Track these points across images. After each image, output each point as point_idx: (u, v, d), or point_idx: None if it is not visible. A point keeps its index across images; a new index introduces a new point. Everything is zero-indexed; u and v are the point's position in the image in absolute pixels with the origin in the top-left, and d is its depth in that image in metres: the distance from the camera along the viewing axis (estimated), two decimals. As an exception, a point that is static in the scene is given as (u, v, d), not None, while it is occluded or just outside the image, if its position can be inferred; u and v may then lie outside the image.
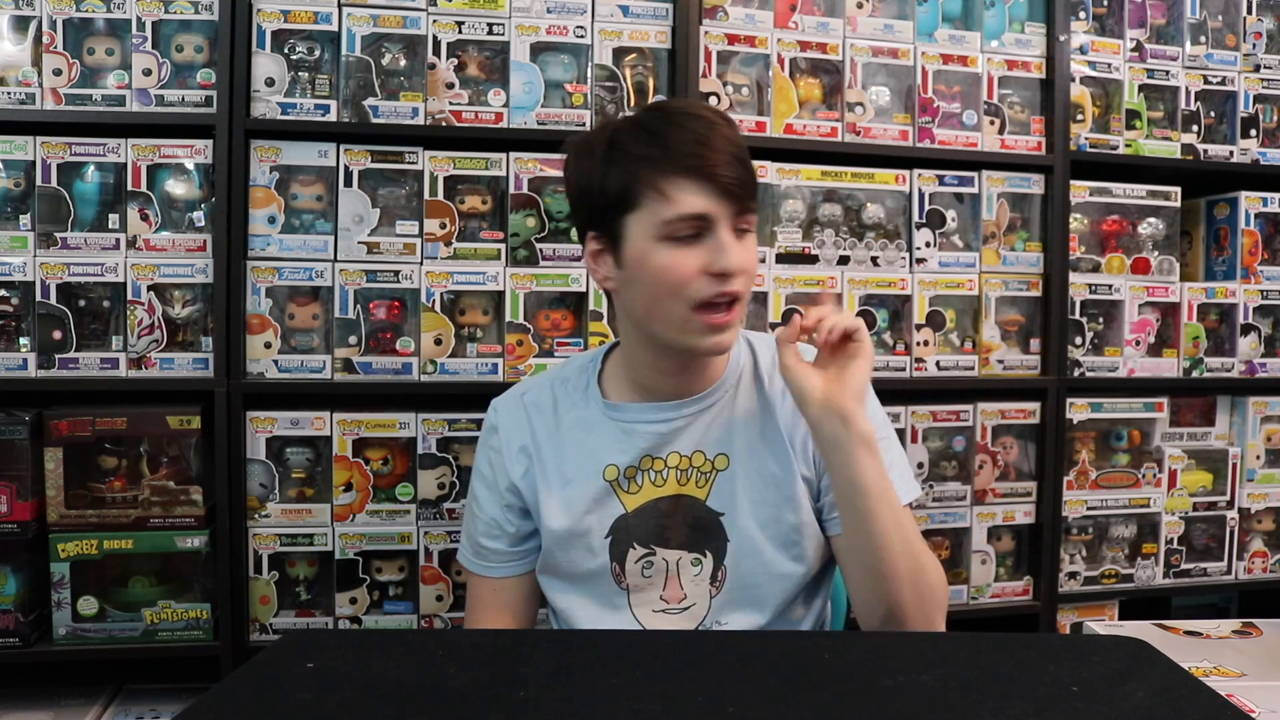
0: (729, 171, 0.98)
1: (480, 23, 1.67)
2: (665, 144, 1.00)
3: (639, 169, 1.00)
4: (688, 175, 0.98)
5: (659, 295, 1.01)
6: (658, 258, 1.00)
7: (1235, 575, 1.99)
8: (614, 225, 1.03)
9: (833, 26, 1.79)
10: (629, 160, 1.01)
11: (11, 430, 1.52)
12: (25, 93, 1.57)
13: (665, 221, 0.99)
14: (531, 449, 1.14)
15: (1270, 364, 1.99)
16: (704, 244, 0.99)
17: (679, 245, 0.99)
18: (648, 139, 1.01)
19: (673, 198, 0.98)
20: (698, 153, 0.98)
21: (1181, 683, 0.68)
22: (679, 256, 0.99)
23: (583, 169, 1.05)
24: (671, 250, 0.99)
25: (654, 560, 1.10)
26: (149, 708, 1.64)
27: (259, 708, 0.64)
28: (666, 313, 1.02)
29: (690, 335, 1.02)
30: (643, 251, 1.01)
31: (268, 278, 1.61)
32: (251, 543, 1.62)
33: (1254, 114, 1.99)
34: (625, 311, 1.08)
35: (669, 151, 0.99)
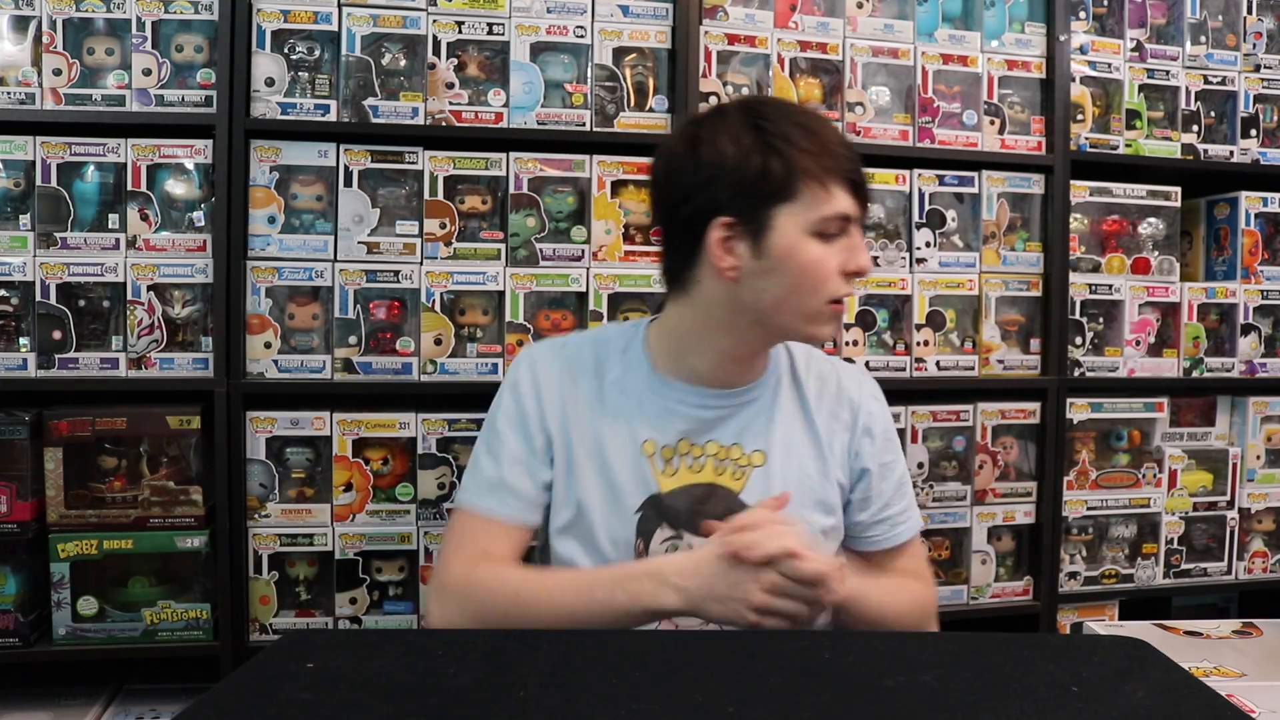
0: (863, 177, 1.06)
1: (480, 23, 1.67)
2: (825, 142, 1.03)
3: (805, 161, 1.01)
4: (841, 176, 1.03)
5: (802, 288, 1.03)
6: (809, 251, 1.02)
7: (1235, 575, 1.99)
8: (760, 212, 1.02)
9: (833, 26, 1.79)
10: (794, 151, 1.01)
11: (11, 430, 1.52)
12: (25, 93, 1.57)
13: (823, 218, 1.02)
14: (570, 404, 1.12)
15: (1270, 364, 1.99)
16: (839, 243, 1.04)
17: (824, 242, 1.03)
18: (806, 134, 1.02)
19: (833, 195, 1.02)
20: (849, 156, 1.04)
21: (1181, 683, 0.68)
22: (826, 253, 1.03)
23: (727, 151, 1.02)
24: (820, 246, 1.02)
25: (680, 545, 1.09)
26: (149, 708, 1.64)
27: (259, 708, 0.64)
28: (803, 305, 1.04)
29: (818, 325, 1.06)
30: (793, 243, 1.02)
31: (268, 278, 1.61)
32: (251, 543, 1.62)
33: (1254, 114, 1.99)
34: (739, 299, 1.05)
35: (829, 150, 1.02)
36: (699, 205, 1.04)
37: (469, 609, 1.05)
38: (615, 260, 1.71)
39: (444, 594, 1.08)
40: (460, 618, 1.04)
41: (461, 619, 1.04)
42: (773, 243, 1.02)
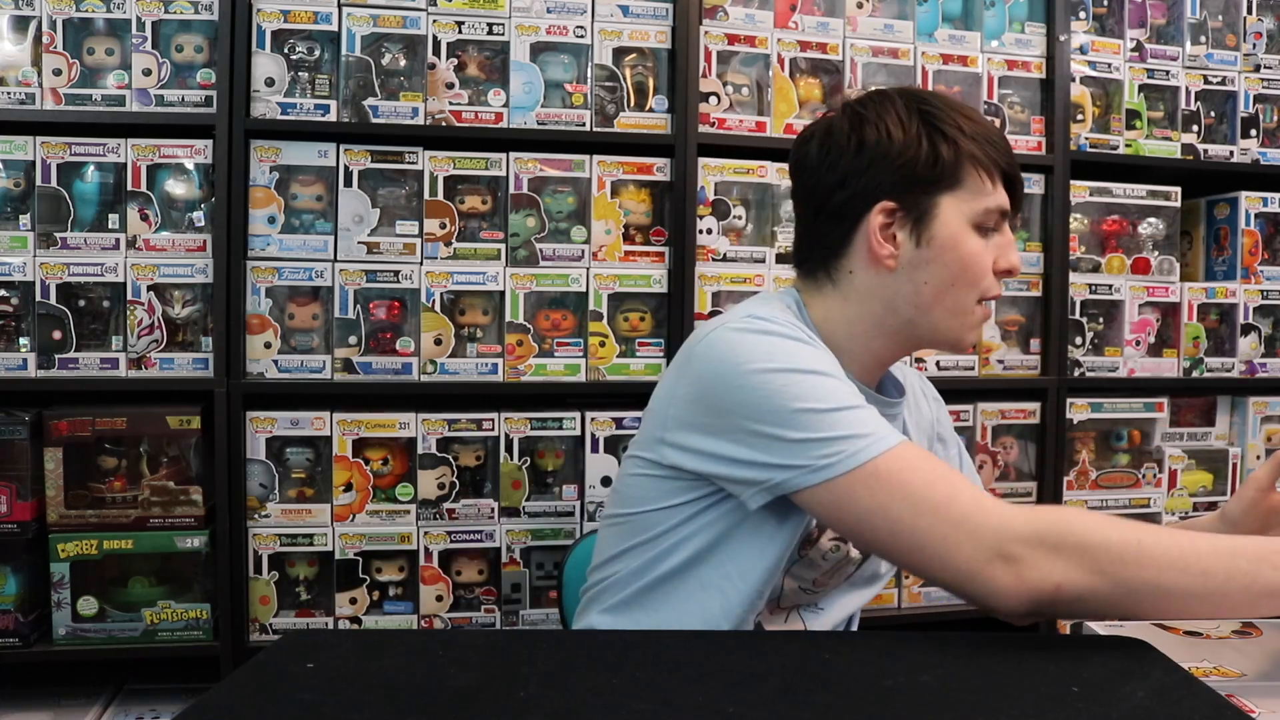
0: (1021, 176, 1.01)
1: (480, 23, 1.67)
2: (989, 133, 1.00)
3: (972, 148, 0.97)
4: (1003, 169, 0.99)
5: (960, 282, 0.98)
6: (971, 243, 0.98)
7: (1235, 575, 1.99)
8: (925, 199, 0.97)
9: (833, 26, 1.79)
10: (962, 138, 0.98)
11: (11, 430, 1.52)
12: (25, 93, 1.57)
13: (986, 210, 0.98)
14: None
15: (1270, 364, 1.99)
16: (992, 240, 0.99)
17: (982, 236, 0.99)
18: (972, 123, 1.00)
19: (996, 187, 0.98)
20: (1009, 150, 1.00)
21: (1181, 683, 0.68)
22: (984, 248, 0.99)
23: (894, 134, 0.98)
24: (980, 240, 0.99)
25: (841, 549, 1.03)
26: (149, 708, 1.64)
27: (259, 708, 0.64)
28: (957, 300, 0.99)
29: (965, 326, 1.00)
30: (957, 234, 0.97)
31: (268, 278, 1.61)
32: (251, 543, 1.62)
33: (1254, 114, 1.99)
34: (894, 291, 0.99)
35: (993, 141, 0.99)
36: (860, 189, 0.99)
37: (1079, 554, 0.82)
38: (615, 260, 1.71)
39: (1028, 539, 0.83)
40: (1068, 568, 0.81)
41: (1071, 570, 0.81)
42: (936, 231, 0.97)
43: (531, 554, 1.69)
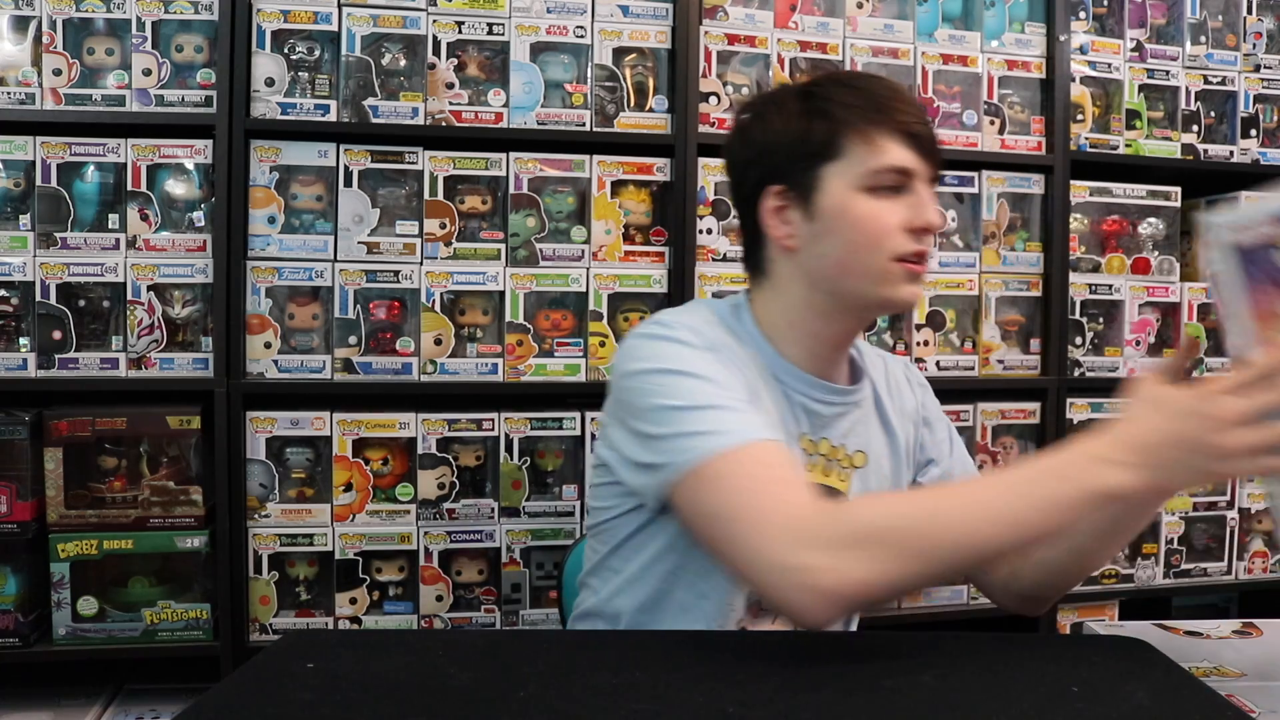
0: (927, 131, 1.01)
1: (480, 23, 1.67)
2: (873, 97, 1.00)
3: (848, 117, 0.99)
4: (894, 129, 0.99)
5: (859, 247, 0.99)
6: (860, 207, 0.98)
7: (1235, 575, 1.99)
8: (808, 176, 1.00)
9: (833, 26, 1.79)
10: (837, 109, 1.00)
11: (11, 430, 1.52)
12: (25, 93, 1.57)
13: (872, 171, 0.98)
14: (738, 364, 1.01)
15: (1270, 364, 1.99)
16: (903, 199, 0.99)
17: (879, 197, 0.99)
18: (853, 92, 1.01)
19: (882, 148, 0.98)
20: (903, 109, 1.00)
21: (1181, 683, 0.68)
22: (882, 208, 0.98)
23: (773, 123, 1.02)
24: (874, 201, 0.98)
25: None
26: (149, 708, 1.64)
27: (259, 708, 0.64)
28: (866, 265, 0.99)
29: (890, 285, 0.99)
30: (843, 201, 0.99)
31: (268, 278, 1.61)
32: (251, 543, 1.62)
33: (1254, 114, 1.99)
34: (806, 270, 1.02)
35: (878, 104, 0.99)
36: (752, 179, 1.04)
37: (873, 544, 0.81)
38: (615, 260, 1.71)
39: (815, 540, 0.81)
40: (867, 560, 0.80)
41: (870, 561, 0.80)
42: (822, 203, 1.00)
43: (531, 554, 1.69)
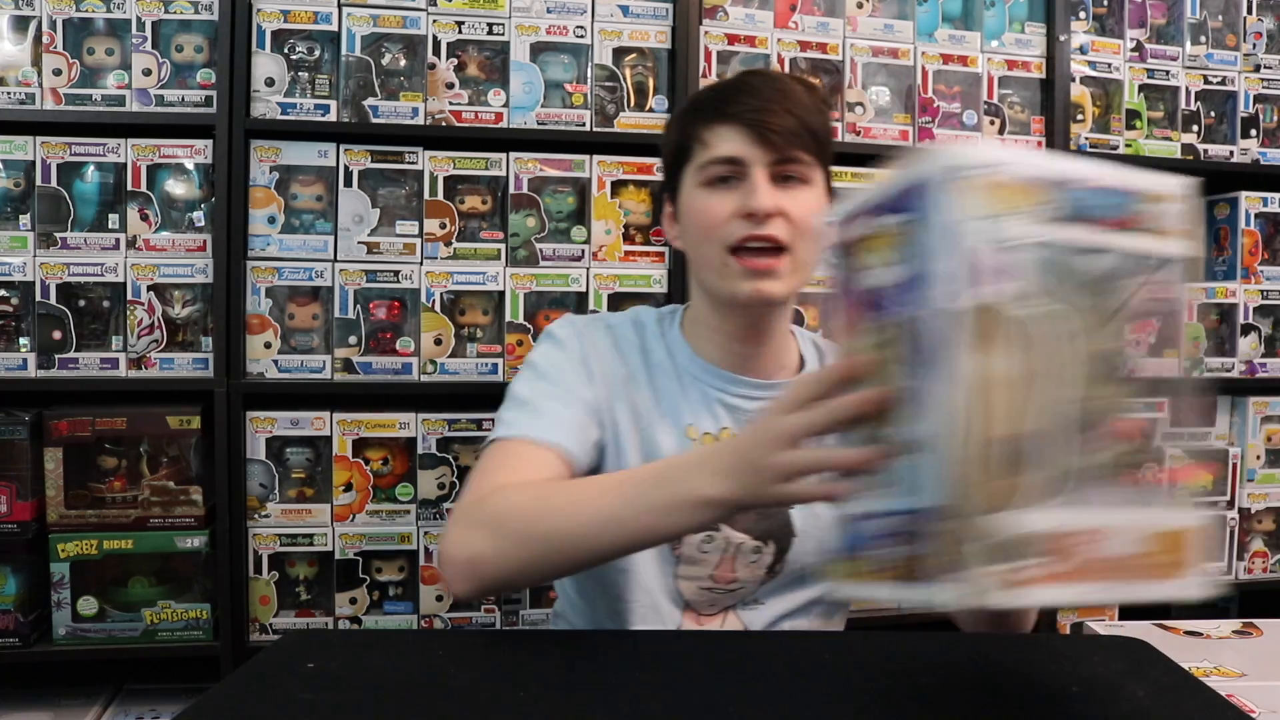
0: (764, 116, 0.99)
1: (480, 23, 1.67)
2: (719, 92, 1.04)
3: (690, 119, 1.04)
4: (725, 121, 1.00)
5: (699, 240, 1.03)
6: (696, 201, 1.03)
7: (1235, 575, 1.99)
8: (675, 181, 1.08)
9: (833, 26, 1.79)
10: (688, 113, 1.06)
11: (11, 430, 1.52)
12: (25, 93, 1.57)
13: (701, 166, 1.02)
14: (618, 380, 1.06)
15: (1270, 364, 1.99)
16: (739, 189, 1.01)
17: (715, 189, 1.02)
18: (709, 93, 1.06)
19: (710, 143, 1.01)
20: (738, 99, 1.00)
21: (1181, 683, 0.68)
22: (714, 199, 1.01)
23: (664, 138, 1.11)
24: (708, 194, 1.02)
25: (716, 538, 1.06)
26: (149, 708, 1.64)
27: (259, 708, 0.64)
28: (708, 257, 1.03)
29: (729, 280, 1.01)
30: (688, 199, 1.05)
31: (268, 278, 1.61)
32: (251, 543, 1.62)
33: (1254, 114, 1.99)
34: (691, 270, 1.11)
35: (719, 99, 1.03)
36: (661, 194, 1.14)
37: (489, 523, 0.87)
38: (615, 260, 1.71)
39: (461, 515, 0.90)
40: (481, 538, 0.86)
41: (483, 539, 0.86)
42: (680, 204, 1.07)
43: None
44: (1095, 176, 0.57)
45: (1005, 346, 0.53)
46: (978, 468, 0.52)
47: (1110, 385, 0.56)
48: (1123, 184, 0.57)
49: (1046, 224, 0.54)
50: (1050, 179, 0.55)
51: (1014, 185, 0.54)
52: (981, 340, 0.52)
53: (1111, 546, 0.54)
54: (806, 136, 1.00)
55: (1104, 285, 0.56)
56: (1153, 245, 0.58)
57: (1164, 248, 0.58)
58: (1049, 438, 0.53)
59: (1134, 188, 0.57)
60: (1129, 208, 0.57)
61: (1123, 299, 0.57)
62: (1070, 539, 0.53)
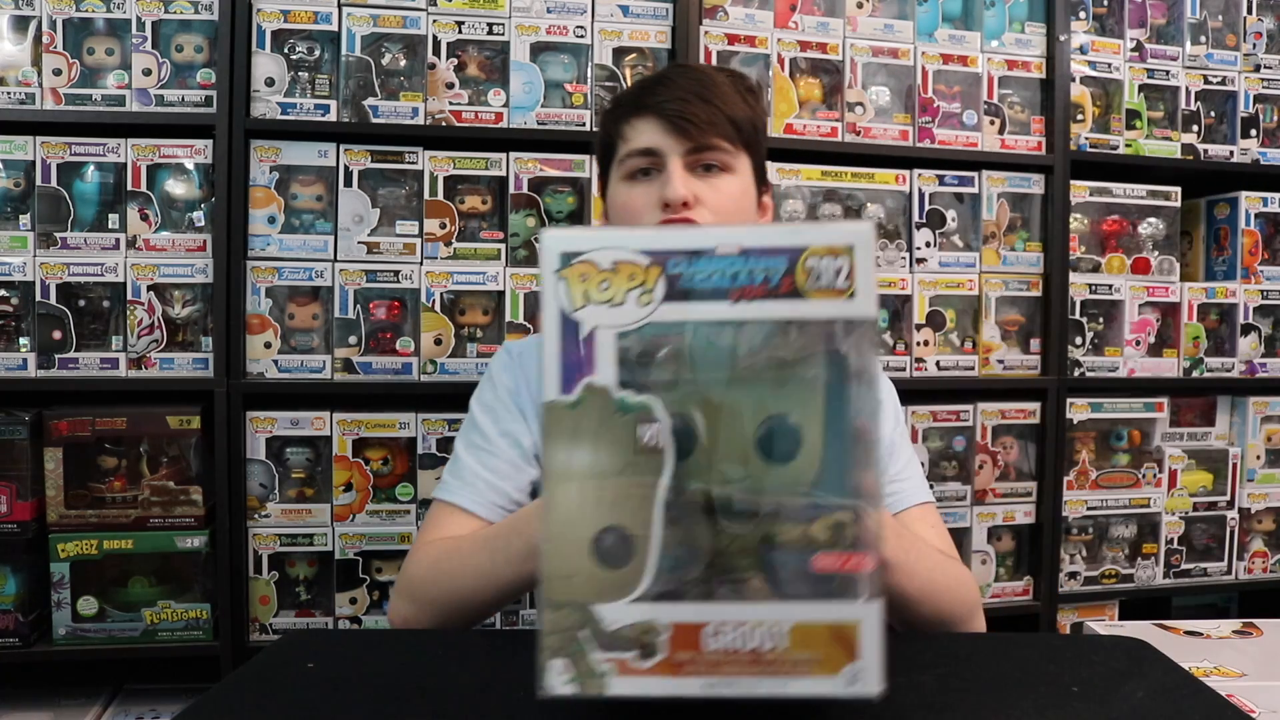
0: (679, 106, 0.98)
1: (480, 23, 1.67)
2: (636, 89, 1.04)
3: (613, 115, 1.04)
4: (640, 113, 1.00)
5: None
6: (619, 196, 1.03)
7: (1235, 575, 1.99)
8: (605, 180, 1.07)
9: (833, 26, 1.79)
10: (608, 112, 1.06)
11: (11, 430, 1.52)
12: (25, 93, 1.57)
13: (621, 160, 1.02)
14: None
15: (1270, 364, 1.99)
16: (657, 180, 1.00)
17: (636, 182, 1.01)
18: (629, 90, 1.06)
19: (629, 136, 1.01)
20: (656, 91, 1.00)
21: (1181, 683, 0.68)
22: (634, 192, 1.01)
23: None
24: (630, 187, 1.02)
25: None
26: (149, 708, 1.64)
27: (259, 708, 0.64)
28: None
29: None
30: (612, 194, 1.05)
31: (268, 278, 1.61)
32: (251, 543, 1.62)
33: (1254, 114, 1.99)
34: None
35: (636, 92, 1.03)
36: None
37: (405, 592, 0.95)
38: (615, 260, 1.71)
39: (397, 582, 0.99)
40: (404, 605, 0.95)
41: (405, 606, 0.95)
42: (607, 201, 1.07)
43: (531, 554, 1.69)
44: (743, 239, 0.51)
45: (605, 438, 0.51)
46: (578, 559, 0.51)
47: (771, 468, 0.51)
48: (781, 243, 0.51)
49: (664, 303, 0.51)
50: (674, 250, 0.51)
51: (624, 267, 0.51)
52: (573, 434, 0.51)
53: (748, 639, 0.51)
54: (726, 124, 0.99)
55: (759, 358, 0.51)
56: (822, 309, 0.50)
57: (834, 310, 0.50)
58: (677, 528, 0.51)
59: (796, 244, 0.51)
60: (791, 269, 0.51)
61: (789, 371, 0.51)
62: (695, 630, 0.51)
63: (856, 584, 0.51)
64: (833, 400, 0.50)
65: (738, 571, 0.51)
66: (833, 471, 0.50)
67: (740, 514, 0.51)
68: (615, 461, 0.51)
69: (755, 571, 0.51)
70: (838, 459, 0.50)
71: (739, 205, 1.01)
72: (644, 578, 0.51)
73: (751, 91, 1.06)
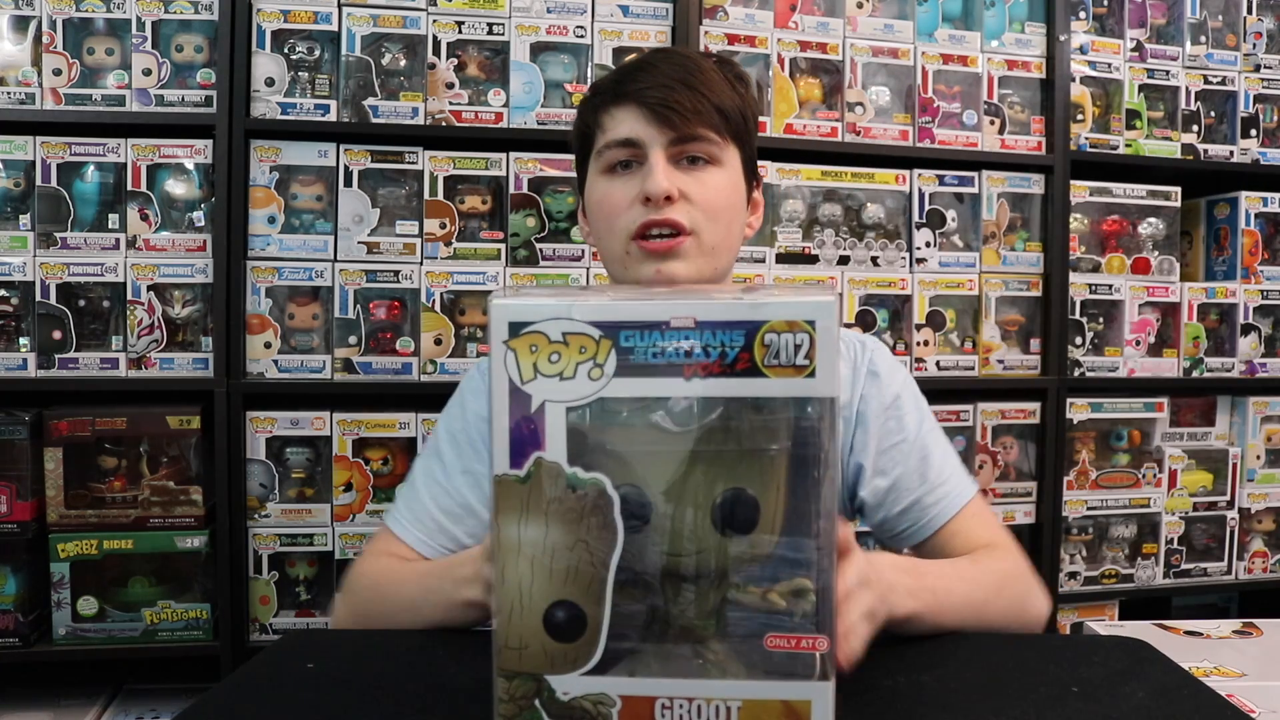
0: (661, 94, 0.90)
1: (480, 23, 1.67)
2: (615, 76, 0.96)
3: (590, 104, 0.97)
4: (620, 102, 0.93)
5: (603, 231, 0.95)
6: (598, 190, 0.96)
7: (1235, 575, 1.99)
8: (582, 175, 1.01)
9: (833, 26, 1.79)
10: (585, 101, 0.99)
11: (11, 430, 1.52)
12: (25, 93, 1.57)
13: (599, 152, 0.95)
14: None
15: (1270, 364, 1.99)
16: (638, 173, 0.92)
17: (616, 175, 0.94)
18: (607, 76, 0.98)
19: (607, 127, 0.94)
20: (636, 78, 0.92)
21: (1181, 683, 0.68)
22: (613, 186, 0.94)
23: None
24: (609, 181, 0.94)
25: None
26: (149, 708, 1.64)
27: (259, 708, 0.64)
28: (612, 248, 0.95)
29: (634, 266, 0.93)
30: (591, 189, 0.98)
31: (268, 278, 1.61)
32: (251, 543, 1.62)
33: (1254, 114, 1.99)
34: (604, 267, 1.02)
35: (614, 80, 0.95)
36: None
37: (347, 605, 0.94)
38: (615, 260, 1.71)
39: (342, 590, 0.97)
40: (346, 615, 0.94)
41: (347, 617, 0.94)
42: (585, 197, 1.01)
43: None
44: (699, 312, 0.49)
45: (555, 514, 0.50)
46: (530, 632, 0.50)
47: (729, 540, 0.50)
48: (738, 317, 0.48)
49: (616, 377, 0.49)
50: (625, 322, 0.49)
51: (574, 339, 0.49)
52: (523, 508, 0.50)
53: (699, 713, 0.50)
54: (713, 114, 0.92)
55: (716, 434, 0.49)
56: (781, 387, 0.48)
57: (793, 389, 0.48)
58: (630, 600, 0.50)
59: (754, 319, 0.48)
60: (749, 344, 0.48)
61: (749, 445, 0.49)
62: (647, 703, 0.50)
63: (810, 663, 0.50)
64: (795, 474, 0.49)
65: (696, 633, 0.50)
66: (794, 543, 0.49)
67: (698, 579, 0.50)
68: (566, 538, 0.50)
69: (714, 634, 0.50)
70: (799, 531, 0.49)
71: (726, 201, 0.94)
72: (595, 651, 0.50)
73: (741, 79, 0.99)
